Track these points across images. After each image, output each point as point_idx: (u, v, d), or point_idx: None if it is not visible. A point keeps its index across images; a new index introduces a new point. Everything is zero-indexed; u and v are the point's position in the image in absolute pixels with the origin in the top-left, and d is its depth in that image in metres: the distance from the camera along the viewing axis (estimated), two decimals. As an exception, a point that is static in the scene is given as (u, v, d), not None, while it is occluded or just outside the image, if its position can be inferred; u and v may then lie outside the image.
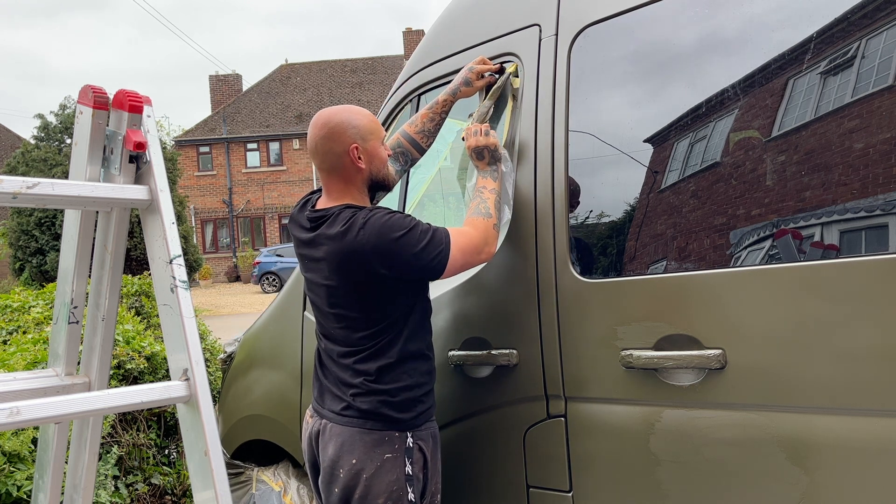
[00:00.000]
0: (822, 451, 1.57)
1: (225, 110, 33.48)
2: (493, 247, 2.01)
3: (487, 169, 2.10)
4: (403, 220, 1.92)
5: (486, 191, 2.06)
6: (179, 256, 1.62)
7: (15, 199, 1.48)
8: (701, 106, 1.78)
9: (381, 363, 1.96)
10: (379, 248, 1.88)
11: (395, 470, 1.94)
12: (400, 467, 1.95)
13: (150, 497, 3.96)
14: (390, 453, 1.95)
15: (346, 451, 1.96)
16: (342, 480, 1.95)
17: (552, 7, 2.09)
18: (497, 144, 2.11)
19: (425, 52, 2.53)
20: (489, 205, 2.03)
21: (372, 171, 2.06)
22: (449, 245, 1.92)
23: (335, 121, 2.01)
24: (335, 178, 2.04)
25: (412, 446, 1.98)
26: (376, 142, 2.05)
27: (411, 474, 1.96)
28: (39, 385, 1.81)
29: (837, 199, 1.55)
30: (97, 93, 1.66)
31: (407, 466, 1.96)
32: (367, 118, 2.04)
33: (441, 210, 2.80)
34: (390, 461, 1.94)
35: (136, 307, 5.27)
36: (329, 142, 2.00)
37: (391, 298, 1.97)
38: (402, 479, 1.94)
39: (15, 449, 2.91)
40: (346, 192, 2.05)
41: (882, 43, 1.51)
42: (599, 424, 1.92)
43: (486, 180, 2.08)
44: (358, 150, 2.00)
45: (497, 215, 2.03)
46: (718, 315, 1.70)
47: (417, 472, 1.98)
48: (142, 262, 15.08)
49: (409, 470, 1.96)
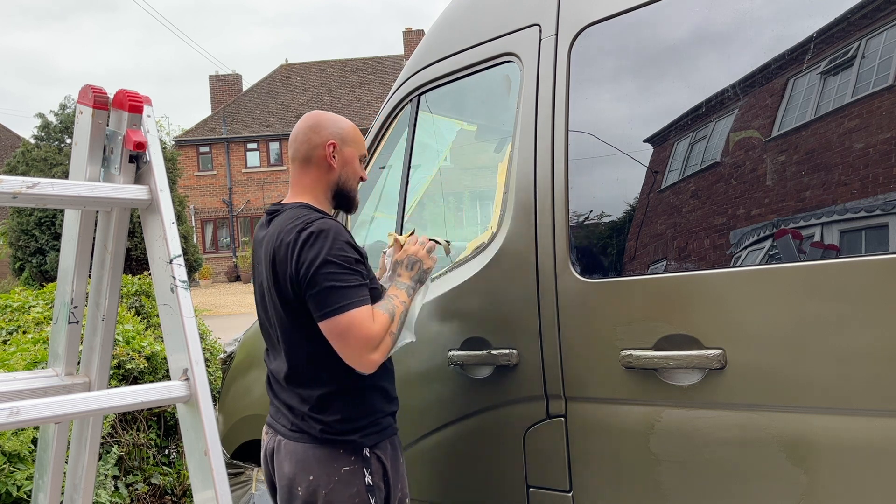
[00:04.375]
0: (822, 451, 1.57)
1: (225, 110, 33.47)
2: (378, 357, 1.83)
3: (409, 283, 2.00)
4: (345, 249, 1.83)
5: (397, 300, 1.94)
6: (179, 256, 1.62)
7: (15, 198, 1.47)
8: (701, 106, 1.78)
9: (322, 392, 1.90)
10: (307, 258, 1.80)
11: (355, 482, 1.89)
12: (360, 479, 1.89)
13: (150, 497, 3.96)
14: (347, 466, 1.89)
15: (302, 468, 1.90)
16: (300, 499, 1.89)
17: (552, 7, 2.09)
18: (432, 268, 2.04)
19: (425, 52, 2.53)
20: (396, 315, 1.90)
21: (341, 178, 2.03)
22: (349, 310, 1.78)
23: (323, 117, 2.05)
24: (305, 171, 2.02)
25: (369, 456, 1.92)
26: (354, 151, 2.05)
27: (372, 484, 1.91)
28: (39, 385, 1.81)
29: (837, 199, 1.55)
30: (97, 93, 1.66)
31: (367, 477, 1.90)
32: (353, 128, 2.07)
33: (441, 210, 2.81)
34: (348, 474, 1.89)
35: (136, 307, 5.26)
36: (310, 132, 2.01)
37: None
38: (364, 490, 1.89)
39: (15, 449, 2.91)
40: (310, 190, 2.01)
41: (882, 43, 1.51)
42: (599, 424, 1.92)
43: (400, 292, 1.97)
44: (335, 148, 2.00)
45: (396, 330, 1.89)
46: (718, 315, 1.70)
47: (378, 482, 1.93)
48: (142, 262, 15.06)
49: (368, 480, 1.90)
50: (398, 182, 2.58)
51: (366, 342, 1.80)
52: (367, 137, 2.68)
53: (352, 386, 1.92)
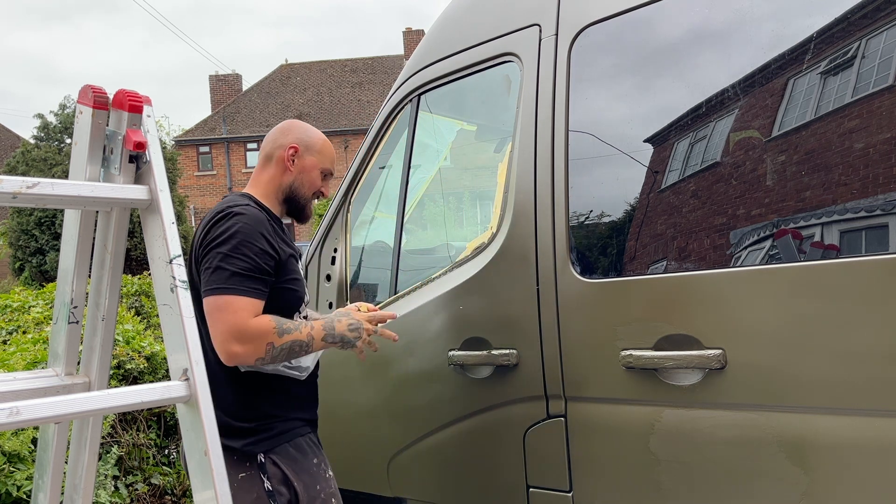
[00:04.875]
0: (822, 451, 1.57)
1: (225, 110, 33.49)
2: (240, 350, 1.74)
3: (335, 333, 1.89)
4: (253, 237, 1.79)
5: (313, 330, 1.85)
6: (179, 256, 1.62)
7: (15, 198, 1.47)
8: (701, 106, 1.78)
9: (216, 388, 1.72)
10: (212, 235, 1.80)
11: (254, 489, 1.84)
12: (258, 484, 1.85)
13: (150, 497, 3.96)
14: (244, 472, 1.85)
15: None
16: None
17: (552, 7, 2.09)
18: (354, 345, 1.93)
19: (425, 52, 2.53)
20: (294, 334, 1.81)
21: (295, 183, 2.02)
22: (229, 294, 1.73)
23: (296, 124, 2.07)
24: (264, 168, 2.04)
25: (264, 462, 1.88)
26: (317, 162, 2.04)
27: (272, 489, 1.86)
28: (39, 385, 1.81)
29: (837, 199, 1.55)
30: (97, 93, 1.66)
31: (265, 482, 1.86)
32: (324, 142, 2.07)
33: (441, 210, 2.81)
34: (245, 480, 1.84)
35: (136, 307, 5.27)
36: (279, 132, 2.05)
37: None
38: (264, 495, 1.85)
39: (15, 449, 2.91)
40: (262, 187, 2.01)
41: (882, 43, 1.51)
42: (599, 424, 1.92)
43: (321, 330, 1.87)
44: (295, 152, 2.01)
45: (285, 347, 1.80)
46: (718, 315, 1.70)
47: (278, 486, 1.88)
48: (142, 262, 15.08)
49: (268, 486, 1.86)
50: (398, 182, 2.58)
51: (231, 330, 1.73)
52: (367, 137, 2.68)
53: (245, 386, 1.87)
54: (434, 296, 2.27)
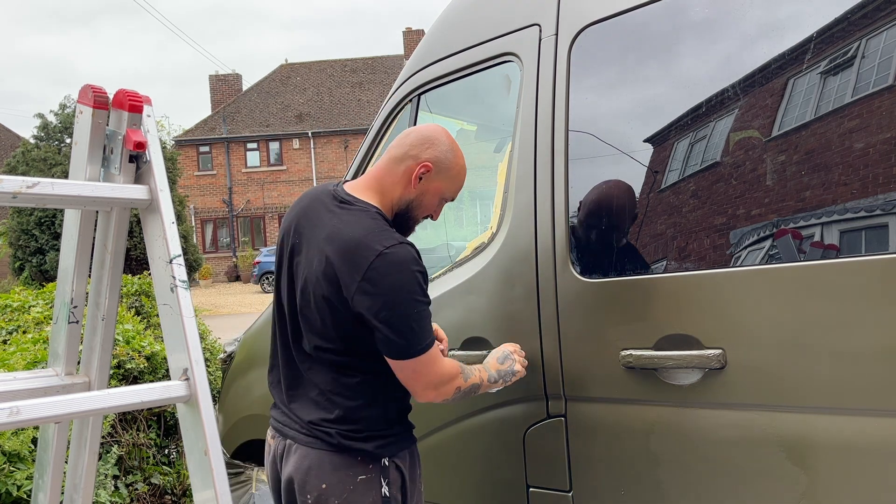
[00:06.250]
0: (822, 451, 1.57)
1: (225, 110, 33.48)
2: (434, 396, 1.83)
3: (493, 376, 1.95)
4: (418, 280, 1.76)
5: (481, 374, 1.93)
6: (179, 256, 1.62)
7: (15, 198, 1.47)
8: (701, 106, 1.78)
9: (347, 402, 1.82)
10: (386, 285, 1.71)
11: (371, 493, 1.80)
12: (376, 489, 1.80)
13: (150, 497, 3.96)
14: (364, 475, 1.80)
15: (315, 474, 1.80)
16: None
17: (552, 7, 2.09)
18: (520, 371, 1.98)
19: (425, 52, 2.53)
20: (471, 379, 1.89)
21: (413, 202, 1.89)
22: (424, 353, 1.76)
23: (443, 138, 1.91)
24: (389, 170, 1.88)
25: (388, 465, 1.84)
26: (441, 189, 1.91)
27: (389, 496, 1.82)
28: (39, 385, 1.81)
29: (837, 199, 1.55)
30: (97, 92, 1.66)
31: (383, 488, 1.81)
32: (459, 169, 1.93)
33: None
34: (364, 483, 1.80)
35: (136, 307, 5.26)
36: (421, 140, 1.89)
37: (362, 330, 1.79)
38: (379, 500, 1.80)
39: (15, 449, 2.92)
40: (382, 194, 1.88)
41: (882, 43, 1.51)
42: (599, 424, 1.92)
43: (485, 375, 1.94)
44: (426, 172, 1.86)
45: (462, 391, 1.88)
46: (718, 315, 1.70)
47: (395, 493, 1.84)
48: (142, 262, 15.06)
49: (385, 491, 1.81)
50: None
51: (433, 382, 1.81)
52: (367, 137, 2.68)
53: (379, 399, 1.86)
54: (434, 296, 2.26)
